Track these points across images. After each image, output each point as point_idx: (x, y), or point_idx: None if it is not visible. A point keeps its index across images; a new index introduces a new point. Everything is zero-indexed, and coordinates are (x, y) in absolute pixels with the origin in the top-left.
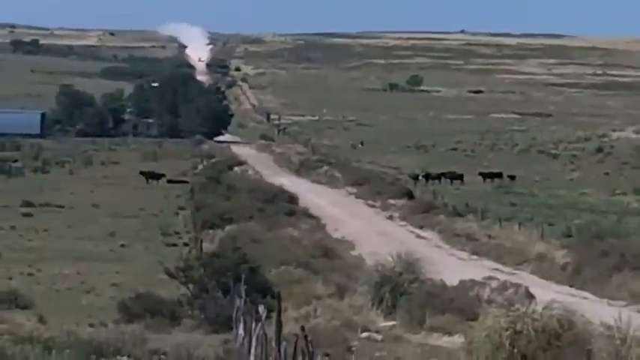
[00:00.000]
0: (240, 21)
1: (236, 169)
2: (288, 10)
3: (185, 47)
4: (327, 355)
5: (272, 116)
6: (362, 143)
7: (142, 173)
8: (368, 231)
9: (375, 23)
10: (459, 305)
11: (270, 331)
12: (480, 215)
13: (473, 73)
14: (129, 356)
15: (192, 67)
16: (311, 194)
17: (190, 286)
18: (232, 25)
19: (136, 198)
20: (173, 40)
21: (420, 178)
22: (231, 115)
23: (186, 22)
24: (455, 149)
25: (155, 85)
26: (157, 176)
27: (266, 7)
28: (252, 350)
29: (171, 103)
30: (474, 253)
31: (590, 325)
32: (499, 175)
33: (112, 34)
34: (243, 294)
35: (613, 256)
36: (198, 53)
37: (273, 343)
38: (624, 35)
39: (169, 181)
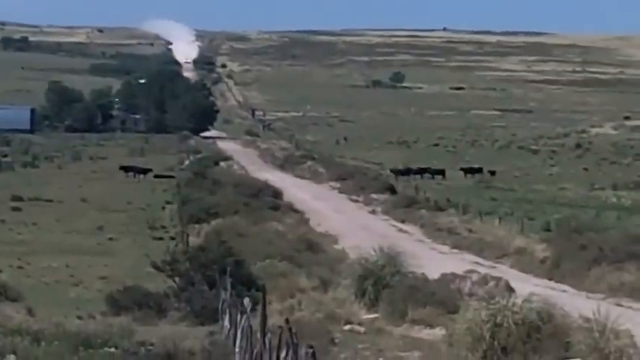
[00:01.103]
0: (226, 19)
1: (222, 164)
2: (272, 8)
3: (172, 44)
4: (310, 346)
5: (257, 112)
6: (345, 139)
7: (122, 168)
8: (351, 225)
9: (358, 21)
10: (440, 298)
11: (255, 323)
12: (461, 210)
13: (454, 70)
14: (116, 348)
15: (178, 64)
16: (295, 189)
17: (177, 279)
18: (218, 22)
19: (124, 192)
20: (160, 37)
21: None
22: (217, 112)
23: (173, 19)
24: (436, 145)
25: (142, 81)
26: (142, 171)
27: (251, 5)
28: (238, 342)
29: (158, 100)
30: (455, 247)
31: (569, 318)
32: (480, 170)
33: (100, 31)
34: (229, 287)
35: (591, 249)
36: (185, 51)
37: (258, 335)
38: (603, 33)
39: (156, 176)
